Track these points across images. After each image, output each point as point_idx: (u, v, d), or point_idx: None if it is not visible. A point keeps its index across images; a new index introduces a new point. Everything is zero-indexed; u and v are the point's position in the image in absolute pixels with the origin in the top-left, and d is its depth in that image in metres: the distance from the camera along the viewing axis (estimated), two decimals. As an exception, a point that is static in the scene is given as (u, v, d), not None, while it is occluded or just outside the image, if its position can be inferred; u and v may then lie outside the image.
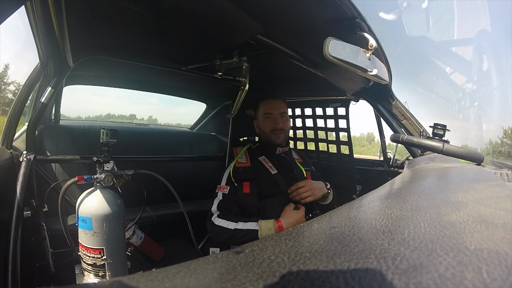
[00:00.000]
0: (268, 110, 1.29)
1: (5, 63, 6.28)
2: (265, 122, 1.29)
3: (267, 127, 1.29)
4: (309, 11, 0.78)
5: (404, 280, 0.20)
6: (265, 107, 1.30)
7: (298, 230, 0.32)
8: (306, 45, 1.01)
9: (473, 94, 4.84)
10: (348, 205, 0.44)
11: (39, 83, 1.16)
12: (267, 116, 1.28)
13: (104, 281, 0.22)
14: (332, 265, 0.23)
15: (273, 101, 1.31)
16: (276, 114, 1.28)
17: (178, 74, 1.50)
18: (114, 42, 1.12)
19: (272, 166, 1.25)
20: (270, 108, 1.29)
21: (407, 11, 4.08)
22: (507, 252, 0.24)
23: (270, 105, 1.30)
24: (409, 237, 0.28)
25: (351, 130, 1.51)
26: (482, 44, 4.70)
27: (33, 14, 0.75)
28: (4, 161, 1.03)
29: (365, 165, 1.72)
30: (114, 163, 1.13)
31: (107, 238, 1.04)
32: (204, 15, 0.84)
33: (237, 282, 0.21)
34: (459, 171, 0.75)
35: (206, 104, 2.39)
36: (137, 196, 1.47)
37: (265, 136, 1.31)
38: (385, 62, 0.99)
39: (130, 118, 3.96)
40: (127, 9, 0.84)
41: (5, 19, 0.43)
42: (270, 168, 1.24)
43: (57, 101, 1.62)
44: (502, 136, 6.62)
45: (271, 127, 1.28)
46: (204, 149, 2.21)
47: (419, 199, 0.44)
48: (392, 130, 1.31)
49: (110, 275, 1.07)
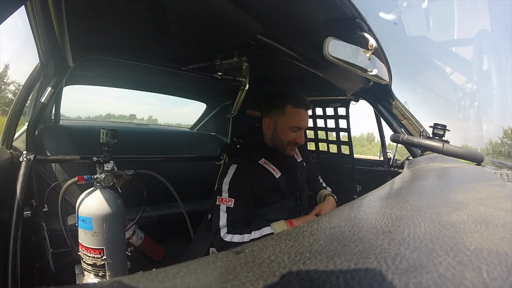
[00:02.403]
0: (299, 123, 1.12)
1: (5, 63, 6.28)
2: (288, 132, 1.12)
3: (287, 138, 1.12)
4: (309, 11, 0.78)
5: (404, 280, 0.20)
6: (295, 118, 1.11)
7: (298, 230, 0.32)
8: (306, 45, 1.01)
9: (473, 94, 4.84)
10: (348, 205, 0.44)
11: (39, 83, 1.16)
12: (295, 129, 1.12)
13: (104, 281, 0.22)
14: (332, 265, 0.23)
15: (304, 112, 1.13)
16: (303, 129, 1.14)
17: (178, 74, 1.50)
18: (114, 42, 1.12)
19: (275, 169, 1.14)
20: (300, 120, 1.12)
21: (407, 11, 4.08)
22: (507, 252, 0.24)
23: (301, 117, 1.13)
24: (409, 237, 0.28)
25: (351, 130, 1.52)
26: (482, 44, 4.69)
27: (33, 14, 0.75)
28: (4, 161, 1.03)
29: (365, 165, 1.72)
30: (114, 163, 1.14)
31: (107, 238, 1.04)
32: (204, 15, 0.84)
33: (237, 282, 0.21)
34: (459, 171, 0.75)
35: (206, 104, 2.40)
36: (137, 196, 1.46)
37: (279, 143, 1.15)
38: (385, 62, 0.99)
39: (130, 118, 3.95)
40: (127, 9, 0.84)
41: (5, 19, 0.43)
42: (273, 170, 1.14)
43: (57, 101, 1.62)
44: (502, 136, 6.63)
45: (292, 140, 1.13)
46: (204, 149, 2.21)
47: (419, 199, 0.44)
48: (392, 130, 1.31)
49: (110, 275, 1.07)
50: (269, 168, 1.15)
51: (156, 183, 1.33)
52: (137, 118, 4.96)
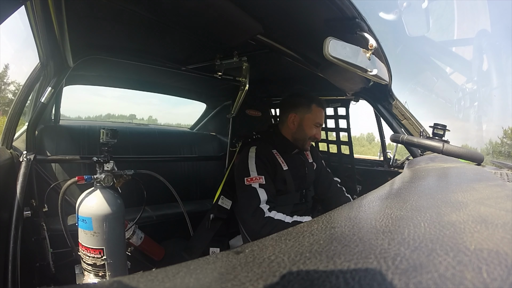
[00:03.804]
0: (321, 120, 1.26)
1: (5, 63, 6.28)
2: (312, 128, 1.24)
3: (310, 133, 1.24)
4: (309, 11, 0.78)
5: (404, 280, 0.20)
6: (319, 115, 1.25)
7: (298, 230, 0.32)
8: (306, 45, 1.01)
9: (473, 94, 4.84)
10: (348, 205, 0.44)
11: (39, 83, 1.16)
12: (318, 125, 1.25)
13: (104, 281, 0.22)
14: (332, 265, 0.23)
15: (323, 112, 1.28)
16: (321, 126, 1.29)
17: (178, 74, 1.50)
18: (114, 42, 1.12)
19: (284, 162, 1.21)
20: (322, 118, 1.27)
21: (407, 11, 4.08)
22: (507, 252, 0.24)
23: (323, 115, 1.27)
24: (409, 237, 0.28)
25: (351, 130, 1.52)
26: (482, 44, 4.70)
27: (33, 14, 0.75)
28: (4, 161, 1.03)
29: (365, 165, 1.72)
30: (114, 163, 1.14)
31: (107, 238, 1.04)
32: (204, 15, 0.84)
33: (237, 282, 0.21)
34: (459, 171, 0.75)
35: (206, 104, 2.40)
36: (137, 196, 1.47)
37: (301, 137, 1.24)
38: (385, 62, 0.99)
39: (130, 118, 3.96)
40: (127, 9, 0.84)
41: (5, 19, 0.43)
42: (282, 163, 1.21)
43: (57, 101, 1.62)
44: (502, 136, 6.62)
45: (313, 135, 1.25)
46: (204, 149, 2.21)
47: (419, 199, 0.44)
48: (392, 130, 1.31)
49: (110, 275, 1.07)
50: (279, 159, 1.21)
51: (156, 183, 1.33)
52: (137, 118, 4.97)
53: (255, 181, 1.10)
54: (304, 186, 1.26)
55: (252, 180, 1.10)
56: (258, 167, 1.13)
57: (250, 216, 1.06)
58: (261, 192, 1.08)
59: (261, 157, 1.15)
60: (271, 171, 1.16)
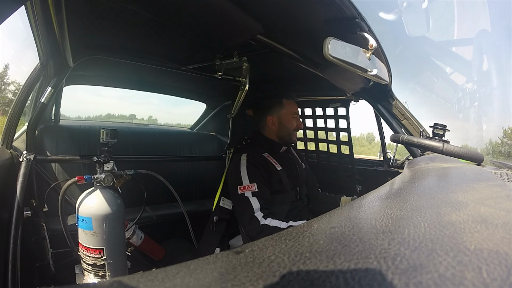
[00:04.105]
0: (295, 110, 1.31)
1: (5, 63, 6.29)
2: (292, 121, 1.29)
3: (292, 126, 1.29)
4: (309, 11, 0.78)
5: (404, 280, 0.20)
6: (292, 106, 1.30)
7: (298, 230, 0.32)
8: (306, 45, 1.01)
9: (473, 94, 4.85)
10: (348, 205, 0.44)
11: (39, 83, 1.16)
12: (295, 116, 1.30)
13: (104, 281, 0.22)
14: (332, 265, 0.23)
15: (294, 101, 1.33)
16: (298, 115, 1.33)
17: (178, 74, 1.50)
18: (114, 42, 1.12)
19: (277, 162, 1.24)
20: (296, 107, 1.32)
21: (407, 11, 4.09)
22: (507, 252, 0.24)
23: (295, 105, 1.33)
24: (409, 237, 0.28)
25: (351, 130, 1.52)
26: (482, 44, 4.70)
27: (33, 14, 0.75)
28: (4, 161, 1.03)
29: (365, 165, 1.72)
30: (114, 163, 1.13)
31: (107, 238, 1.04)
32: (204, 15, 0.84)
33: (237, 282, 0.21)
34: (459, 171, 0.75)
35: (206, 104, 2.39)
36: (137, 196, 1.46)
37: (286, 133, 1.29)
38: (385, 62, 0.99)
39: (130, 118, 3.96)
40: (127, 9, 0.84)
41: (5, 19, 0.43)
42: (275, 164, 1.23)
43: (57, 101, 1.62)
44: (502, 136, 6.62)
45: (295, 126, 1.30)
46: (204, 149, 2.21)
47: (419, 199, 0.44)
48: (392, 130, 1.31)
49: (110, 275, 1.07)
50: (272, 161, 1.24)
51: (156, 183, 1.33)
52: (137, 118, 4.97)
53: (247, 189, 1.12)
54: (298, 184, 1.29)
55: (245, 189, 1.12)
56: (250, 174, 1.14)
57: (246, 224, 1.09)
58: (254, 201, 1.10)
59: (253, 163, 1.17)
60: (266, 175, 1.17)
